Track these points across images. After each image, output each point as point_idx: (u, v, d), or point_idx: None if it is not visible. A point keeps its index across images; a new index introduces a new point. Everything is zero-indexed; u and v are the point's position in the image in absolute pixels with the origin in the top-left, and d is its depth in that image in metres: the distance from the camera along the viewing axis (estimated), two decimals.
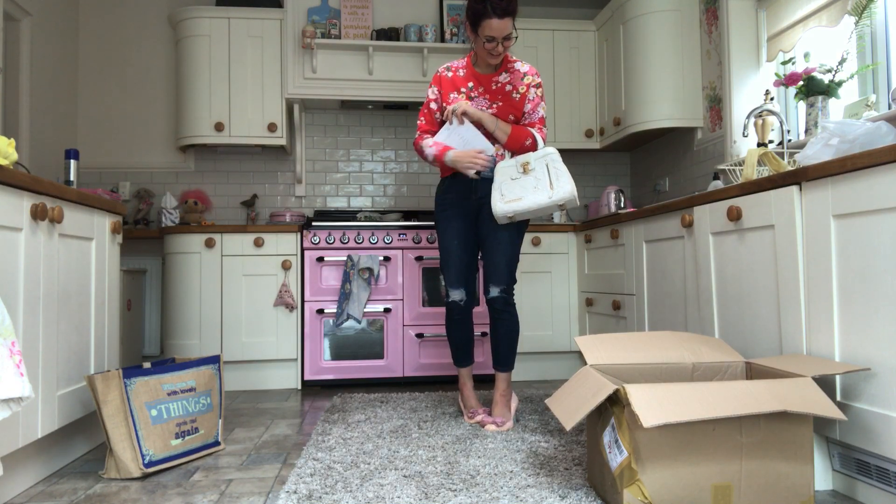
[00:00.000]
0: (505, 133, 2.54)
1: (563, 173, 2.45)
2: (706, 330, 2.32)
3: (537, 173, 2.45)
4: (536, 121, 2.61)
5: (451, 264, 2.66)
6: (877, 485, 1.64)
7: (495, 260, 2.60)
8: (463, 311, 2.68)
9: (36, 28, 3.58)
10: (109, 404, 1.97)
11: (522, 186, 2.45)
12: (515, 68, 2.61)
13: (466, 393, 2.73)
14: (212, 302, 3.50)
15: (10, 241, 1.73)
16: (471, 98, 2.60)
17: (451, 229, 2.66)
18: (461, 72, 2.63)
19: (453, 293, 2.67)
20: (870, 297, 1.60)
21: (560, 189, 2.42)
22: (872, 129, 1.82)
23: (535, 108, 2.61)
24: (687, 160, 3.72)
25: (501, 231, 2.59)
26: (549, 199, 2.42)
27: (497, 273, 2.60)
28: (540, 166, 2.46)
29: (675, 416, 1.44)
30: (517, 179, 2.47)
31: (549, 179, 2.44)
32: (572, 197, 2.42)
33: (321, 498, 1.75)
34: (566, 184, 2.43)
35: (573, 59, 4.18)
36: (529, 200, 2.43)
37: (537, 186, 2.43)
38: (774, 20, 3.12)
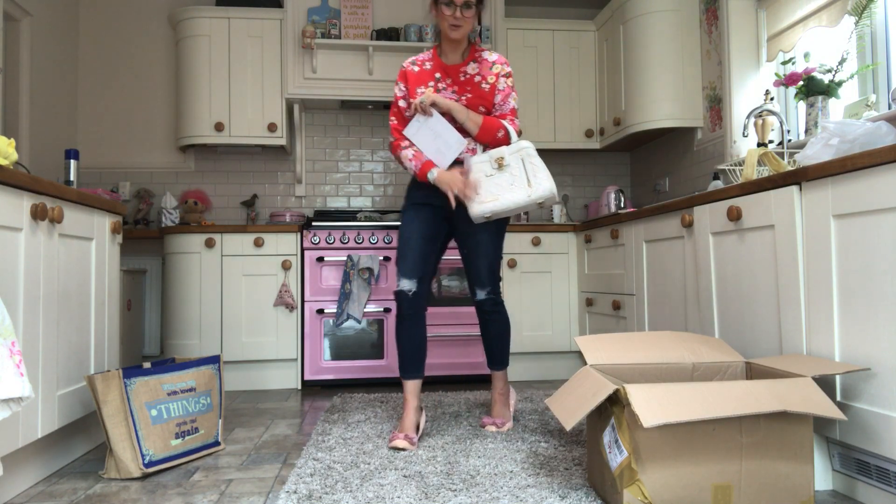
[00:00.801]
0: (476, 124, 2.40)
1: (541, 168, 2.33)
2: (706, 330, 2.32)
3: (513, 169, 2.32)
4: (508, 112, 2.47)
5: (408, 252, 2.44)
6: (877, 485, 1.64)
7: (477, 263, 2.50)
8: (413, 304, 2.42)
9: (36, 28, 3.58)
10: (109, 404, 1.97)
11: (498, 184, 2.31)
12: (483, 58, 2.49)
13: (407, 411, 2.38)
14: (212, 302, 3.50)
15: (10, 241, 1.73)
16: (438, 90, 2.46)
17: (415, 219, 2.47)
18: (427, 64, 2.50)
19: (403, 282, 2.42)
20: (870, 297, 1.60)
21: (538, 186, 2.29)
22: (872, 129, 1.82)
23: (505, 98, 2.47)
24: (687, 160, 3.72)
25: (480, 232, 2.46)
26: (528, 198, 2.29)
27: (480, 277, 2.51)
28: (515, 161, 2.33)
29: (675, 416, 1.44)
30: (492, 177, 2.33)
31: (527, 176, 2.31)
32: (551, 194, 2.31)
33: (321, 498, 1.75)
34: (544, 180, 2.30)
35: (573, 59, 4.18)
36: (507, 199, 2.29)
37: (514, 184, 2.31)
38: (774, 20, 3.12)
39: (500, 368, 2.61)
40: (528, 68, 4.12)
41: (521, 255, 3.72)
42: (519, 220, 4.10)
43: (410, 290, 2.42)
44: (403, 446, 2.24)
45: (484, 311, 2.55)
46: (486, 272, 2.51)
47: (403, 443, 2.25)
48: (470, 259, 2.52)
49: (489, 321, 2.56)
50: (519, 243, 3.72)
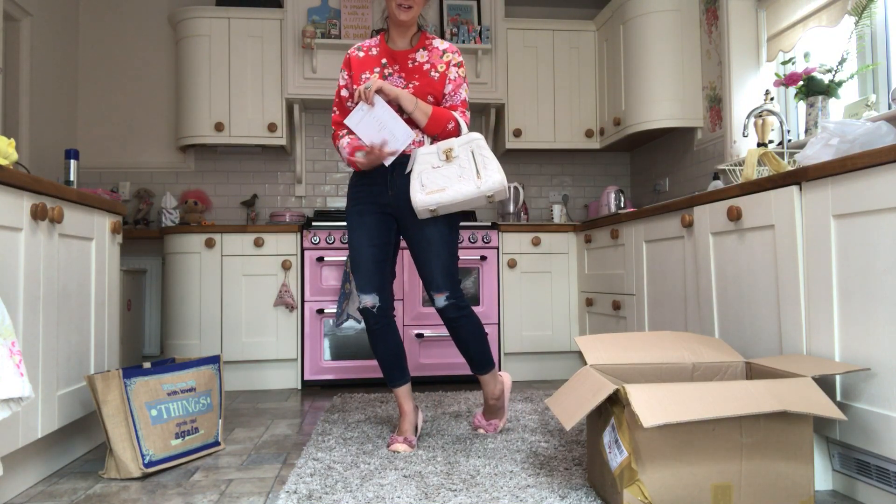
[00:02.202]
0: (425, 114, 2.23)
1: (491, 160, 2.19)
2: (706, 330, 2.32)
3: (462, 161, 2.19)
4: (458, 103, 2.32)
5: (359, 265, 2.31)
6: (877, 485, 1.64)
7: (430, 266, 2.28)
8: (379, 318, 2.31)
9: (36, 28, 3.58)
10: (109, 404, 1.97)
11: (446, 176, 2.17)
12: (434, 46, 2.35)
13: (403, 416, 2.34)
14: (212, 302, 3.50)
15: (10, 241, 1.73)
16: (384, 77, 2.31)
17: (361, 226, 2.32)
18: (374, 50, 2.36)
19: (364, 298, 2.30)
20: (870, 297, 1.60)
21: (488, 178, 2.16)
22: (872, 129, 1.82)
23: (456, 88, 2.32)
24: (687, 160, 3.72)
25: (429, 229, 2.27)
26: (477, 190, 2.15)
27: (435, 280, 2.28)
28: (465, 153, 2.20)
29: (675, 416, 1.44)
30: (439, 168, 2.19)
31: (476, 168, 2.17)
32: (502, 187, 2.17)
33: (321, 498, 1.75)
34: (494, 172, 2.17)
35: (573, 59, 4.18)
36: (454, 191, 2.15)
37: (462, 175, 2.17)
38: (774, 20, 3.12)
39: (485, 371, 2.39)
40: (528, 68, 4.12)
41: (521, 255, 3.72)
42: (518, 220, 4.11)
43: (374, 305, 2.29)
44: (402, 449, 2.21)
45: (448, 319, 2.32)
46: (441, 274, 2.29)
47: (402, 446, 2.22)
48: (421, 261, 2.31)
49: (457, 327, 2.33)
50: (519, 243, 3.72)
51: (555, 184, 4.51)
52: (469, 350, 2.36)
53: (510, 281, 3.70)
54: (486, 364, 2.38)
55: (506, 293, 3.69)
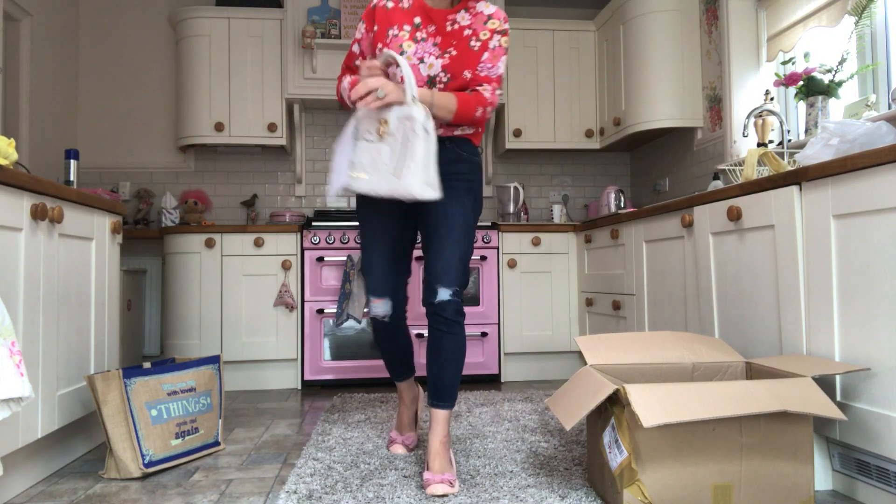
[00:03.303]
0: (450, 111, 1.89)
1: (418, 157, 1.75)
2: (706, 330, 2.32)
3: (393, 143, 1.78)
4: (494, 78, 1.96)
5: (373, 266, 2.04)
6: (877, 485, 1.64)
7: (446, 253, 1.93)
8: (390, 328, 2.11)
9: (36, 28, 3.58)
10: (109, 404, 1.97)
11: (372, 158, 1.80)
12: (478, 10, 1.97)
13: (402, 407, 2.26)
14: (212, 302, 3.50)
15: (10, 241, 1.73)
16: (416, 40, 1.94)
17: (376, 222, 2.04)
18: (405, 2, 1.98)
19: (376, 306, 2.04)
20: (870, 297, 1.60)
21: (405, 181, 1.76)
22: (872, 129, 1.82)
23: (495, 60, 1.95)
24: (687, 160, 3.72)
25: (453, 212, 1.95)
26: (390, 190, 1.78)
27: (448, 271, 1.92)
28: (399, 133, 1.78)
29: (675, 416, 1.44)
30: (372, 143, 1.81)
31: (402, 157, 1.77)
32: (413, 197, 1.77)
33: (321, 498, 1.75)
34: (413, 176, 1.75)
35: (573, 59, 4.17)
36: (372, 182, 1.80)
37: (388, 163, 1.79)
38: (774, 20, 3.12)
39: (448, 405, 1.97)
40: (528, 68, 4.12)
41: (521, 255, 3.72)
42: (518, 220, 4.10)
43: (386, 314, 2.05)
44: (400, 452, 2.19)
45: (443, 320, 1.92)
46: (459, 264, 1.94)
47: (400, 449, 2.20)
48: (437, 247, 1.94)
49: (447, 334, 1.93)
50: (519, 243, 3.72)
51: (555, 184, 4.51)
52: (444, 371, 1.95)
53: (510, 281, 3.70)
54: (454, 394, 1.98)
55: (506, 293, 3.69)
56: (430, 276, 1.94)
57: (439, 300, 1.91)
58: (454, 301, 1.92)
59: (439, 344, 1.94)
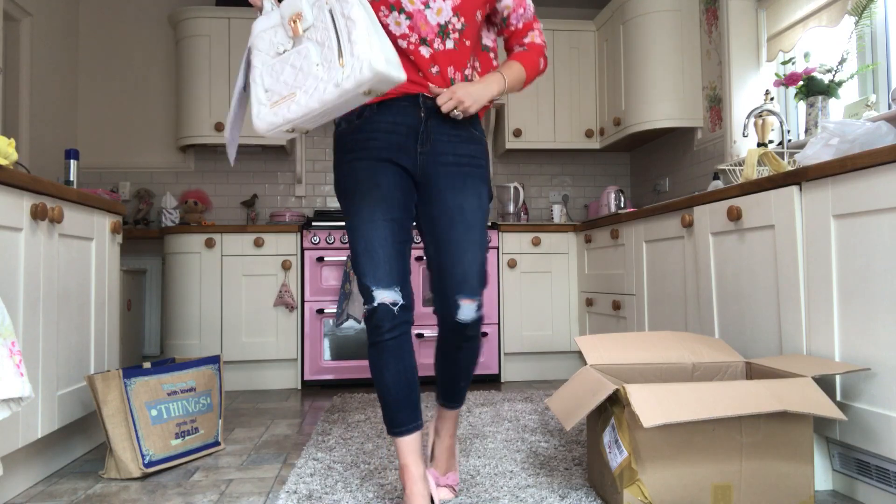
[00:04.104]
0: (521, 82, 1.69)
1: (361, 25, 1.29)
2: (706, 330, 2.32)
3: (319, 33, 1.34)
4: (532, 19, 1.72)
5: (375, 249, 1.57)
6: (877, 485, 1.64)
7: (468, 257, 1.60)
8: (399, 321, 1.58)
9: (36, 28, 3.58)
10: (109, 404, 1.97)
11: (296, 69, 1.35)
12: None
13: (411, 483, 1.56)
14: (212, 302, 3.50)
15: (10, 241, 1.73)
16: None
17: (373, 187, 1.59)
18: None
19: (381, 293, 1.57)
20: (870, 297, 1.60)
21: (357, 61, 1.28)
22: (872, 129, 1.82)
23: (523, 1, 1.69)
24: (687, 160, 3.72)
25: (474, 209, 1.63)
26: (337, 89, 1.29)
27: (468, 279, 1.60)
28: (321, 20, 1.34)
29: (675, 416, 1.44)
30: (285, 56, 1.37)
31: (338, 45, 1.31)
32: (374, 74, 1.27)
33: (321, 498, 1.75)
34: (365, 48, 1.28)
35: (573, 59, 4.18)
36: (310, 99, 1.32)
37: (321, 63, 1.33)
38: (774, 20, 3.12)
39: (456, 406, 1.78)
40: None
41: (521, 255, 3.72)
42: (518, 220, 4.10)
43: (396, 301, 1.57)
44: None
45: (464, 337, 1.63)
46: (479, 272, 1.63)
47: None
48: (450, 241, 1.61)
49: (463, 349, 1.65)
50: (519, 243, 3.72)
51: (555, 184, 4.51)
52: (460, 380, 1.72)
53: (510, 281, 3.70)
54: (465, 395, 1.79)
55: (506, 293, 3.69)
56: (448, 285, 1.60)
57: (461, 319, 1.59)
58: (478, 318, 1.62)
59: (453, 358, 1.69)
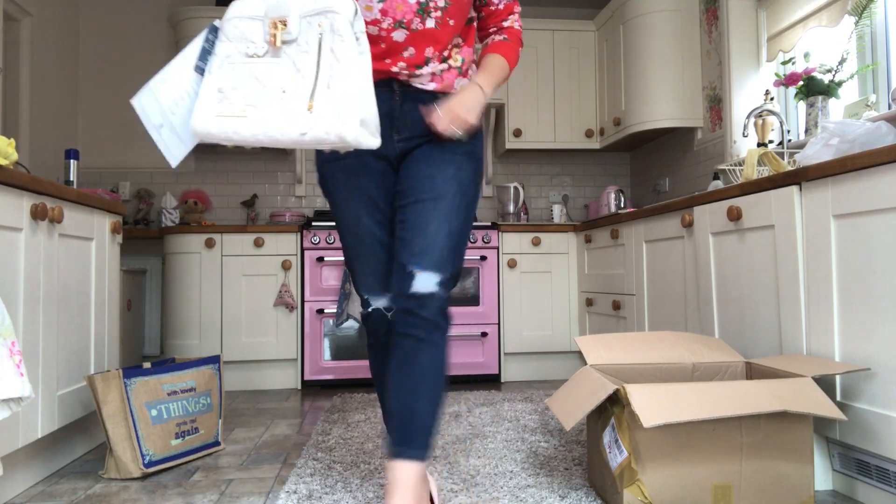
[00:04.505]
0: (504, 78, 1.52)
1: (349, 78, 1.14)
2: (706, 330, 2.32)
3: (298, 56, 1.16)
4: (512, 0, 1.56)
5: (362, 255, 1.48)
6: (877, 485, 1.64)
7: (432, 227, 1.37)
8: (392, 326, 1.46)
9: (36, 28, 3.58)
10: (109, 404, 1.97)
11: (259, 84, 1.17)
12: None
13: None
14: (212, 302, 3.50)
15: (10, 241, 1.73)
16: None
17: (355, 193, 1.47)
18: None
19: (374, 300, 1.49)
20: (870, 297, 1.60)
21: (327, 117, 1.13)
22: (872, 129, 1.82)
23: None
24: (687, 160, 3.72)
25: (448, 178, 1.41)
26: (294, 134, 1.14)
27: (432, 248, 1.35)
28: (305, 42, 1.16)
29: (675, 416, 1.44)
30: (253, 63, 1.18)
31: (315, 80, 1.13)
32: (343, 141, 1.15)
33: (321, 498, 1.75)
34: (342, 107, 1.13)
35: (573, 59, 4.18)
36: (260, 128, 1.16)
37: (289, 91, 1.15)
38: (774, 20, 3.12)
39: (421, 453, 1.34)
40: (527, 68, 4.12)
41: (521, 255, 3.72)
42: (518, 220, 4.10)
43: (390, 307, 1.46)
44: None
45: (419, 322, 1.34)
46: (445, 239, 1.37)
47: None
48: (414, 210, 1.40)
49: (422, 344, 1.34)
50: (519, 243, 3.72)
51: (555, 184, 4.51)
52: (419, 399, 1.33)
53: (510, 281, 3.70)
54: (428, 437, 1.35)
55: (506, 293, 3.69)
56: (405, 254, 1.36)
57: (416, 291, 1.31)
58: (438, 295, 1.32)
59: (412, 358, 1.32)
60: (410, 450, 1.30)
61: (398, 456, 1.31)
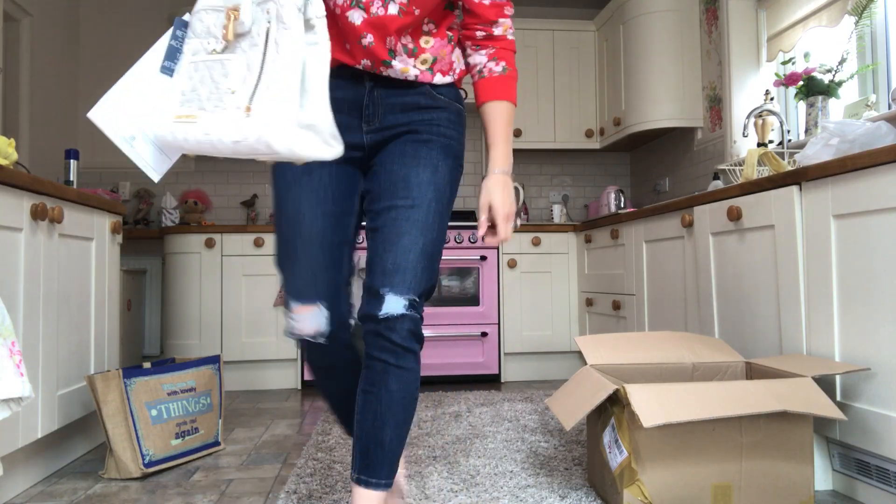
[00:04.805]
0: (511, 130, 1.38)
1: (284, 73, 1.02)
2: (706, 330, 2.32)
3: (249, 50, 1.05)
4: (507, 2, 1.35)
5: (297, 252, 1.32)
6: (877, 485, 1.64)
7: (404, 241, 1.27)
8: (329, 356, 1.36)
9: (36, 28, 3.58)
10: (109, 404, 1.97)
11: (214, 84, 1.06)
12: None
13: None
14: (212, 302, 3.50)
15: (10, 241, 1.73)
16: None
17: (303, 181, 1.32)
18: None
19: (301, 318, 1.31)
20: (870, 297, 1.60)
21: (259, 124, 1.01)
22: (872, 129, 1.82)
23: None
24: (687, 160, 3.72)
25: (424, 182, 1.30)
26: (232, 140, 1.03)
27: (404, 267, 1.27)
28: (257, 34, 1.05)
29: (675, 416, 1.44)
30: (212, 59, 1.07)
31: (257, 79, 1.03)
32: (274, 153, 1.03)
33: (321, 498, 1.75)
34: (274, 110, 1.01)
35: (573, 59, 4.18)
36: (204, 134, 1.05)
37: (235, 92, 1.04)
38: (774, 20, 3.12)
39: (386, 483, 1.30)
40: (528, 68, 4.12)
41: (521, 255, 3.72)
42: (518, 220, 4.10)
43: (318, 332, 1.32)
44: None
45: (389, 347, 1.25)
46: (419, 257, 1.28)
47: None
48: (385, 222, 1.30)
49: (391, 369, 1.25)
50: (519, 243, 3.72)
51: (555, 184, 4.51)
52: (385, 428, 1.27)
53: (510, 281, 3.70)
54: (394, 466, 1.30)
55: (506, 293, 3.69)
56: (376, 274, 1.28)
57: (386, 313, 1.23)
58: (410, 317, 1.24)
59: (380, 383, 1.26)
60: (374, 479, 1.28)
61: (362, 484, 1.27)
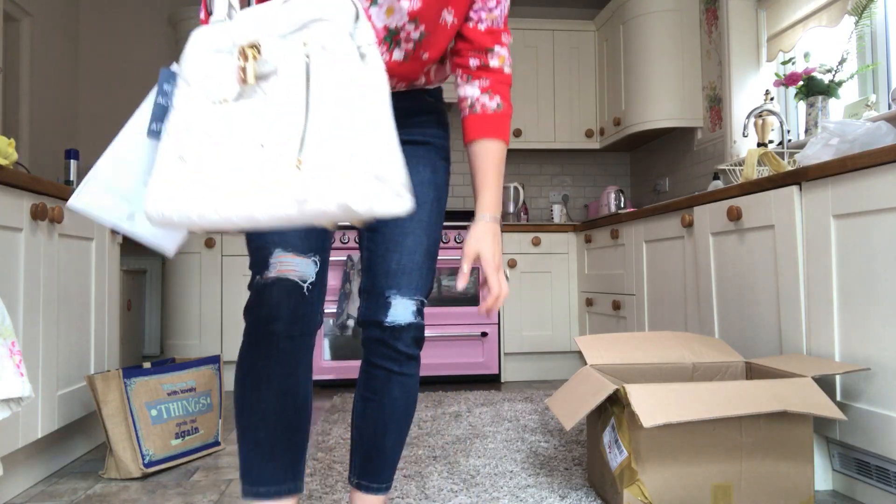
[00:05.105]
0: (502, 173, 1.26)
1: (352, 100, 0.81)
2: (706, 330, 2.32)
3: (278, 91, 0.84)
4: (502, 26, 1.23)
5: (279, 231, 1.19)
6: (877, 485, 1.64)
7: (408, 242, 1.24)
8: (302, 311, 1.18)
9: (36, 28, 3.58)
10: (109, 404, 1.97)
11: (233, 139, 0.86)
12: None
13: None
14: (212, 302, 3.50)
15: (10, 242, 1.73)
16: None
17: None
18: None
19: (292, 262, 1.15)
20: (870, 297, 1.60)
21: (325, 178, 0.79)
22: (872, 129, 1.82)
23: None
24: (687, 160, 3.72)
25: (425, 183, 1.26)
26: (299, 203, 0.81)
27: (411, 269, 1.23)
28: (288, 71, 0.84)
29: (675, 416, 1.44)
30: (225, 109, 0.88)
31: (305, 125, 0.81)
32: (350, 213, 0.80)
33: (321, 498, 1.75)
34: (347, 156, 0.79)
35: (573, 59, 4.18)
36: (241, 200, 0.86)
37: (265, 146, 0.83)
38: (774, 20, 3.12)
39: (386, 487, 1.31)
40: (528, 68, 4.12)
41: (521, 255, 3.72)
42: (518, 220, 4.10)
43: (305, 277, 1.16)
44: None
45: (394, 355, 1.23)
46: (424, 258, 1.25)
47: None
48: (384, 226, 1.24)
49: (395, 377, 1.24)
50: (519, 243, 3.72)
51: (555, 184, 4.51)
52: (387, 435, 1.27)
53: (510, 281, 3.70)
54: (393, 470, 1.32)
55: None
56: (378, 275, 1.22)
57: (393, 321, 1.19)
58: (416, 325, 1.22)
59: (382, 391, 1.24)
60: (376, 484, 1.29)
61: (362, 489, 1.29)
